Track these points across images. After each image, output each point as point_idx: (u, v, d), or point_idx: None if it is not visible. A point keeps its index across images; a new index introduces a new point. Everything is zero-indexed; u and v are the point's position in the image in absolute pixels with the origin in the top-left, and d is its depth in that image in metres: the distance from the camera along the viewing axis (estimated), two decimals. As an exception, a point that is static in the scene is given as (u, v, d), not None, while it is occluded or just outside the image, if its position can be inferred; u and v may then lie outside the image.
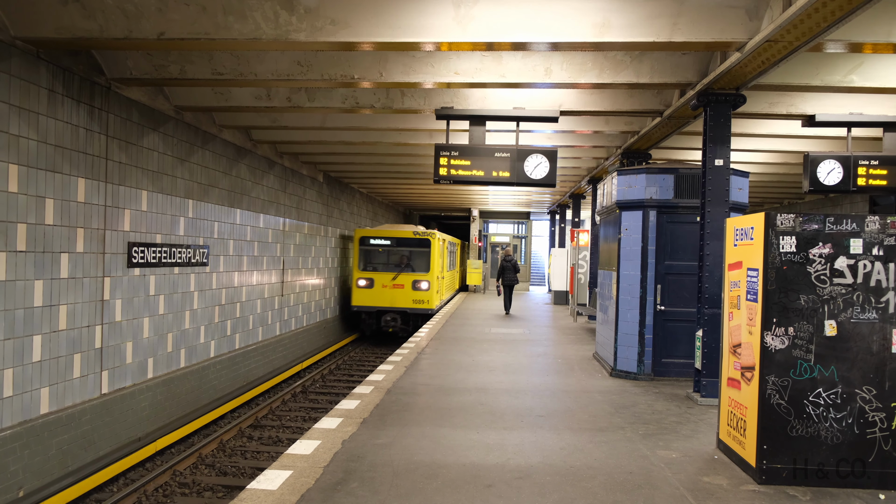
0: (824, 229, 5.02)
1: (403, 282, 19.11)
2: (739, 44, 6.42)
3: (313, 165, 17.32)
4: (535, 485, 4.97)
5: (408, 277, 19.15)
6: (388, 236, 19.59)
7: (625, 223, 9.36)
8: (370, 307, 19.19)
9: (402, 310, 19.15)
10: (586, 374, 9.59)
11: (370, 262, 19.58)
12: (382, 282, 19.11)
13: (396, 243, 19.68)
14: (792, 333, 5.01)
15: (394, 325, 19.20)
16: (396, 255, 19.77)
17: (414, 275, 19.18)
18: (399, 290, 19.03)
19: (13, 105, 6.80)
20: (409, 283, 19.09)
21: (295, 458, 5.39)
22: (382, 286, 19.08)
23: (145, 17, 6.50)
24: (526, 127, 10.52)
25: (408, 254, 19.71)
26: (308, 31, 6.48)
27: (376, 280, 19.12)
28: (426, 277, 19.19)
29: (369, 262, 19.57)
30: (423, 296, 19.10)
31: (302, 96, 9.59)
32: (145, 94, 9.17)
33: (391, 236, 19.61)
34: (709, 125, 7.88)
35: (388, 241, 19.59)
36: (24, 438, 6.96)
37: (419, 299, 19.05)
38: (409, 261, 19.56)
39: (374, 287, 19.06)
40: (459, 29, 6.42)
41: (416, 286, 19.02)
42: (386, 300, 19.09)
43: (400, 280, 19.15)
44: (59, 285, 7.57)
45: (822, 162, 9.29)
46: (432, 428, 6.44)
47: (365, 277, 19.16)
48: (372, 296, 19.12)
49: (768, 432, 5.02)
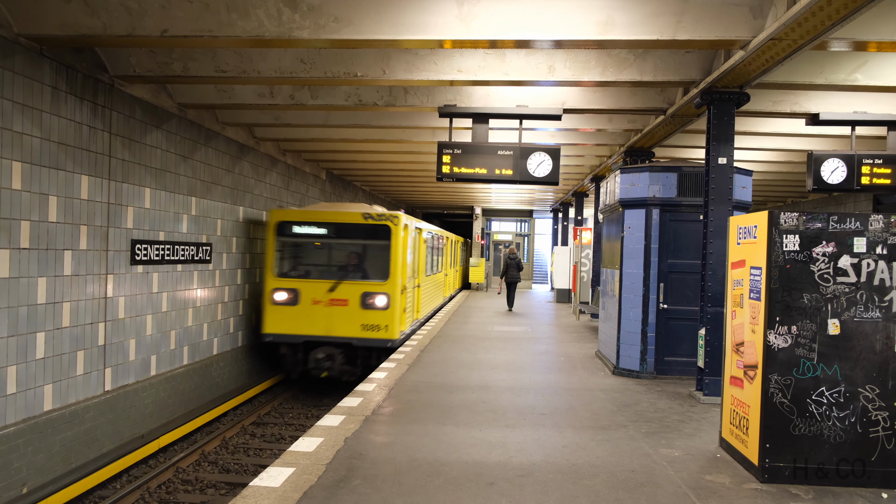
0: (828, 228, 5.01)
1: (347, 295, 12.02)
2: (743, 42, 6.40)
3: (316, 163, 17.33)
4: (537, 483, 4.97)
5: (354, 288, 12.08)
6: (322, 221, 12.51)
7: (628, 221, 9.34)
8: (291, 336, 12.13)
9: (344, 341, 12.03)
10: (589, 372, 9.58)
11: (293, 262, 12.83)
12: (313, 295, 12.09)
13: (336, 233, 12.60)
14: (795, 332, 5.00)
15: (329, 367, 12.08)
16: (337, 251, 12.99)
17: (364, 284, 12.15)
18: (339, 310, 12.01)
19: (16, 102, 6.81)
20: (355, 298, 12.03)
21: (297, 455, 5.39)
22: (312, 302, 12.08)
23: (148, 14, 6.50)
24: (529, 125, 10.51)
25: (355, 250, 12.81)
26: (311, 29, 6.48)
27: (302, 292, 12.10)
28: (383, 288, 12.07)
29: (292, 262, 12.81)
30: (378, 318, 11.99)
31: (305, 94, 9.59)
32: (148, 91, 9.18)
33: (326, 221, 12.49)
34: (712, 123, 7.86)
35: (322, 230, 12.61)
36: (28, 435, 6.98)
37: (372, 324, 12.00)
38: (359, 261, 12.72)
39: (298, 303, 12.09)
40: (462, 26, 6.41)
41: (368, 302, 11.99)
42: (317, 325, 12.05)
43: (341, 292, 12.03)
44: (62, 282, 7.59)
45: (825, 160, 9.27)
46: (435, 426, 6.45)
47: (284, 288, 12.15)
48: (295, 318, 12.07)
49: (771, 431, 5.02)
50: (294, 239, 12.71)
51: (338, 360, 12.15)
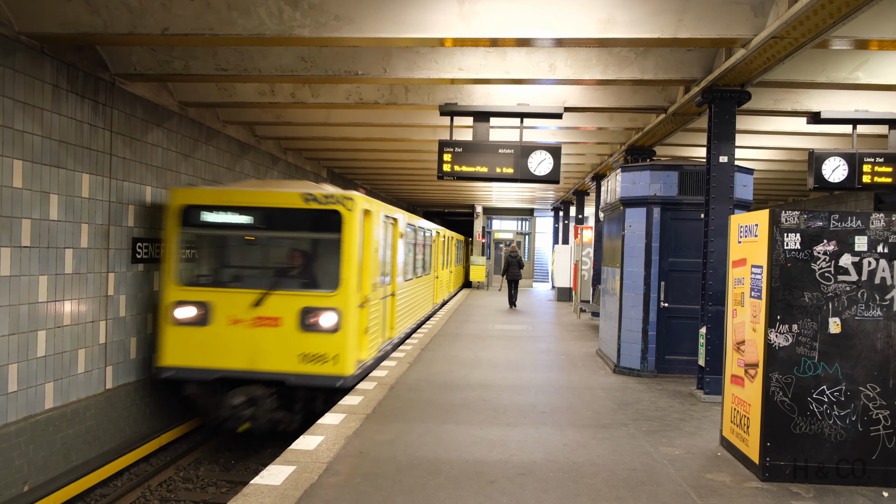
0: (829, 226, 5.01)
1: (280, 311, 8.39)
2: (744, 40, 6.39)
3: (317, 161, 17.33)
4: (537, 481, 4.97)
5: (290, 301, 8.41)
6: (246, 205, 8.77)
7: (629, 220, 9.34)
8: (199, 371, 8.51)
9: (275, 377, 8.39)
10: (589, 371, 9.59)
11: (204, 264, 9.38)
12: (231, 311, 8.45)
13: (265, 221, 8.86)
14: (796, 331, 5.00)
15: (253, 416, 8.34)
16: (266, 249, 9.69)
17: (305, 295, 8.49)
18: (269, 333, 8.39)
19: (17, 101, 6.81)
20: (292, 316, 8.36)
21: (299, 453, 5.40)
22: (230, 321, 8.43)
23: (149, 12, 6.50)
24: (530, 123, 10.52)
25: (293, 246, 9.28)
26: (312, 27, 6.48)
27: (216, 307, 8.47)
28: (332, 301, 8.39)
29: (202, 264, 9.32)
30: (324, 344, 8.34)
31: (306, 92, 9.59)
32: (149, 89, 9.18)
33: (252, 205, 8.77)
34: (713, 122, 7.86)
35: (246, 217, 8.86)
36: (29, 433, 6.98)
37: (315, 353, 8.33)
38: (298, 263, 9.13)
39: (210, 323, 8.47)
40: (463, 24, 6.41)
41: (310, 322, 8.35)
42: (237, 355, 8.41)
43: (272, 308, 8.40)
44: (63, 281, 7.59)
45: (827, 159, 9.27)
46: (435, 424, 6.45)
47: (190, 301, 8.52)
48: (206, 344, 8.47)
49: (772, 429, 5.02)
50: (206, 231, 8.91)
51: (265, 406, 8.27)
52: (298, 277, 8.92)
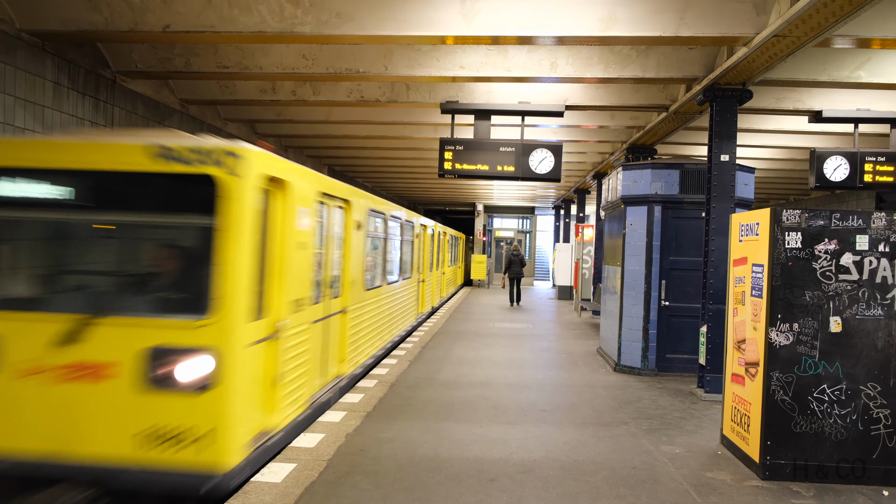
0: (830, 225, 5.00)
1: (110, 354, 4.32)
2: (746, 39, 6.38)
3: (318, 159, 17.33)
4: (538, 479, 4.98)
5: (126, 335, 4.34)
6: (55, 167, 4.61)
7: (630, 218, 9.34)
8: None
9: (100, 471, 4.27)
10: (590, 369, 9.59)
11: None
12: (24, 352, 4.37)
13: (89, 194, 4.84)
14: (797, 329, 5.00)
15: None
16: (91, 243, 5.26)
17: (152, 325, 4.38)
18: (88, 391, 4.31)
19: (18, 98, 6.82)
20: (129, 360, 4.29)
21: (299, 451, 5.40)
22: (23, 371, 4.36)
23: (150, 9, 6.50)
24: (531, 121, 10.51)
25: (136, 237, 5.28)
26: (313, 25, 6.48)
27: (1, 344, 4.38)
28: (200, 336, 4.30)
29: None
30: (186, 412, 4.26)
31: (307, 90, 9.59)
32: (150, 87, 9.18)
33: (66, 167, 4.58)
34: (715, 120, 7.85)
35: (56, 187, 4.80)
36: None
37: (170, 429, 4.26)
38: (151, 268, 5.13)
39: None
40: (465, 22, 6.40)
41: (161, 373, 4.28)
42: (35, 430, 4.34)
43: (94, 347, 4.33)
44: (64, 278, 7.48)
45: (828, 158, 9.26)
46: (436, 422, 6.45)
47: None
48: None
49: (772, 428, 5.02)
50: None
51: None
52: (145, 294, 4.92)
